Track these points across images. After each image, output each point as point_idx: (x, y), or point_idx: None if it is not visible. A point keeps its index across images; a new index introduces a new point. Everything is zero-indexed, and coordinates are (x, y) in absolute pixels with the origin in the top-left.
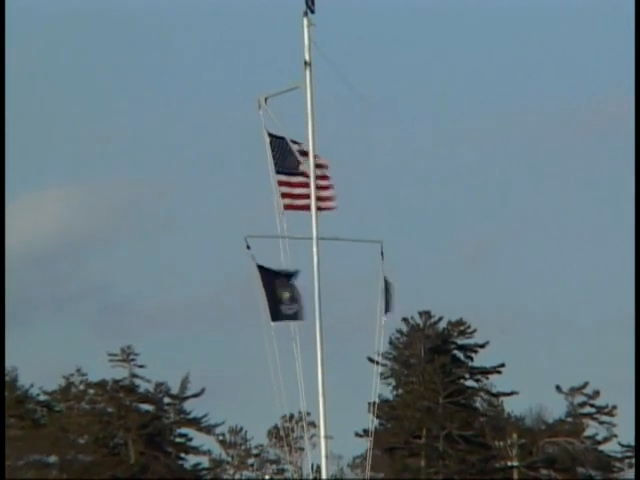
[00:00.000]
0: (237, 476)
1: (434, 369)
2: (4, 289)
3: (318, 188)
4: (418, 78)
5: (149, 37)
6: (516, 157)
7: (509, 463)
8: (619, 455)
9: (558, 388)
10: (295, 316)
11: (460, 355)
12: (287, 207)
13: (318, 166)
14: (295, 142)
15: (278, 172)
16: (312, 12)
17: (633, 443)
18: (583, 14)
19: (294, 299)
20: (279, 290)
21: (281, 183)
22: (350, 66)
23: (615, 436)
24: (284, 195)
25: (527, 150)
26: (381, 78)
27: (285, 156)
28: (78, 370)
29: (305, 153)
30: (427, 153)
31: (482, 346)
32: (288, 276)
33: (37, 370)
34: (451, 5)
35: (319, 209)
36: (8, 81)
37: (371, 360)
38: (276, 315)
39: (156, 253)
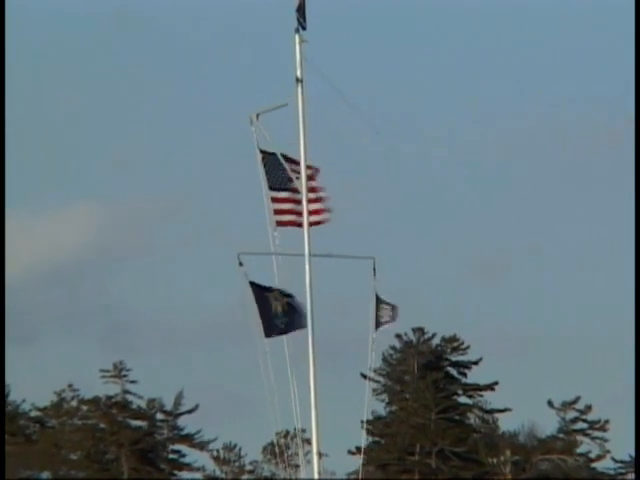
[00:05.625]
0: None
1: (427, 385)
2: (4, 307)
3: (309, 202)
4: (413, 91)
5: (142, 50)
6: (519, 172)
7: None
8: (612, 472)
9: (550, 403)
10: (289, 328)
11: (453, 372)
12: (279, 223)
13: (309, 178)
14: (287, 158)
15: (271, 188)
16: (304, 29)
17: (626, 458)
18: (582, 16)
19: (288, 311)
20: (273, 304)
21: (274, 200)
22: (342, 81)
23: (608, 452)
24: (276, 211)
25: (530, 164)
26: (374, 92)
27: (277, 172)
28: (70, 386)
29: (297, 170)
30: (423, 169)
31: (475, 363)
32: (287, 294)
33: (44, 387)
34: (446, 19)
35: (310, 224)
36: (29, 97)
37: (364, 376)
38: (269, 331)
39: (167, 271)
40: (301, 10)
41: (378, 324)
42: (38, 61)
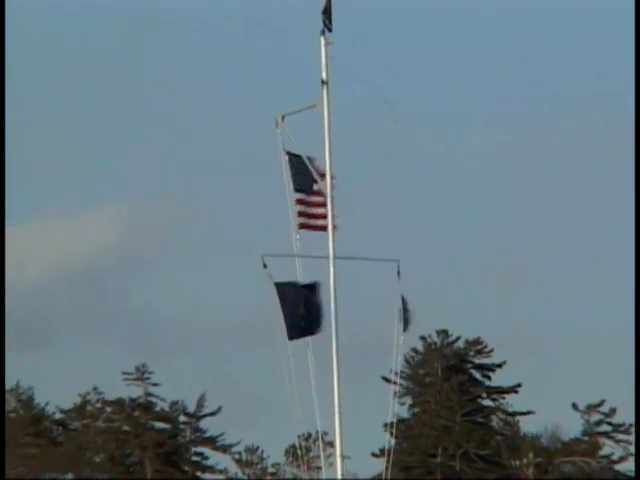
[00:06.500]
0: None
1: (451, 387)
2: (4, 308)
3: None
4: (439, 94)
5: (166, 51)
6: (543, 177)
7: None
8: (635, 474)
9: (574, 406)
10: (312, 330)
11: (477, 374)
12: (302, 226)
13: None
14: (311, 159)
15: (296, 190)
16: (329, 30)
17: None
18: (582, 16)
19: (311, 313)
20: (298, 305)
21: (298, 201)
22: (370, 83)
23: (631, 455)
24: (300, 214)
25: (556, 170)
26: (401, 93)
27: (302, 174)
28: (94, 388)
29: (322, 173)
30: (449, 172)
31: (499, 365)
32: (309, 288)
33: (68, 389)
34: (473, 25)
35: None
36: (51, 103)
37: (386, 379)
38: (293, 333)
39: (189, 273)
40: (327, 12)
41: (405, 327)
42: (56, 61)
